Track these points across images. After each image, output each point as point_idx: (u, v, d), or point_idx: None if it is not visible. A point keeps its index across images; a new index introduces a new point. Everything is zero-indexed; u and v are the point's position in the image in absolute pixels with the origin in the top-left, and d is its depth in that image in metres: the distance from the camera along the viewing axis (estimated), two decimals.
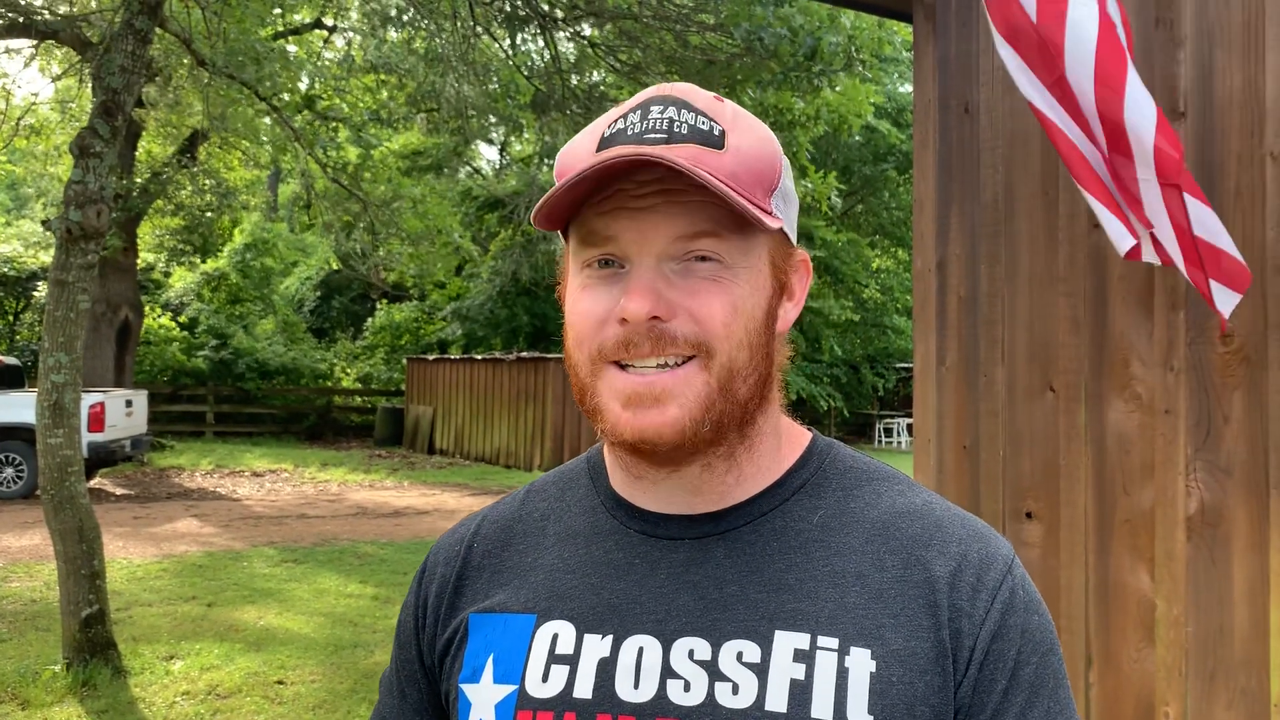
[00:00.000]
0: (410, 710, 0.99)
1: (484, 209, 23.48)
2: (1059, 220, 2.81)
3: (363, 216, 14.82)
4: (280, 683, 5.83)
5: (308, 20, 16.01)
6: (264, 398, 23.06)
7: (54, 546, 5.67)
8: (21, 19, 9.92)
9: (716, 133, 0.83)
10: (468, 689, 0.89)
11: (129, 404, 14.32)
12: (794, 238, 0.93)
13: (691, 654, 0.82)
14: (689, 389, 0.82)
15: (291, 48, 15.76)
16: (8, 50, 12.52)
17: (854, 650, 0.80)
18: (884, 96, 23.37)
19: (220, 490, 14.76)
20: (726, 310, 0.82)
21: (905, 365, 27.14)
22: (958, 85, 3.17)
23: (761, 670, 0.80)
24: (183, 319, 23.66)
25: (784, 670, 0.80)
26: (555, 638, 0.86)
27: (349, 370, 25.47)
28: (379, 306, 26.58)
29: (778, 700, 0.79)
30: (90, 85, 6.45)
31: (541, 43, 11.56)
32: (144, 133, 16.45)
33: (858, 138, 23.36)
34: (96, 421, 12.85)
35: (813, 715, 0.78)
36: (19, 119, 13.01)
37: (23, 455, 13.16)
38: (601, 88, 12.62)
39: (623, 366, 0.83)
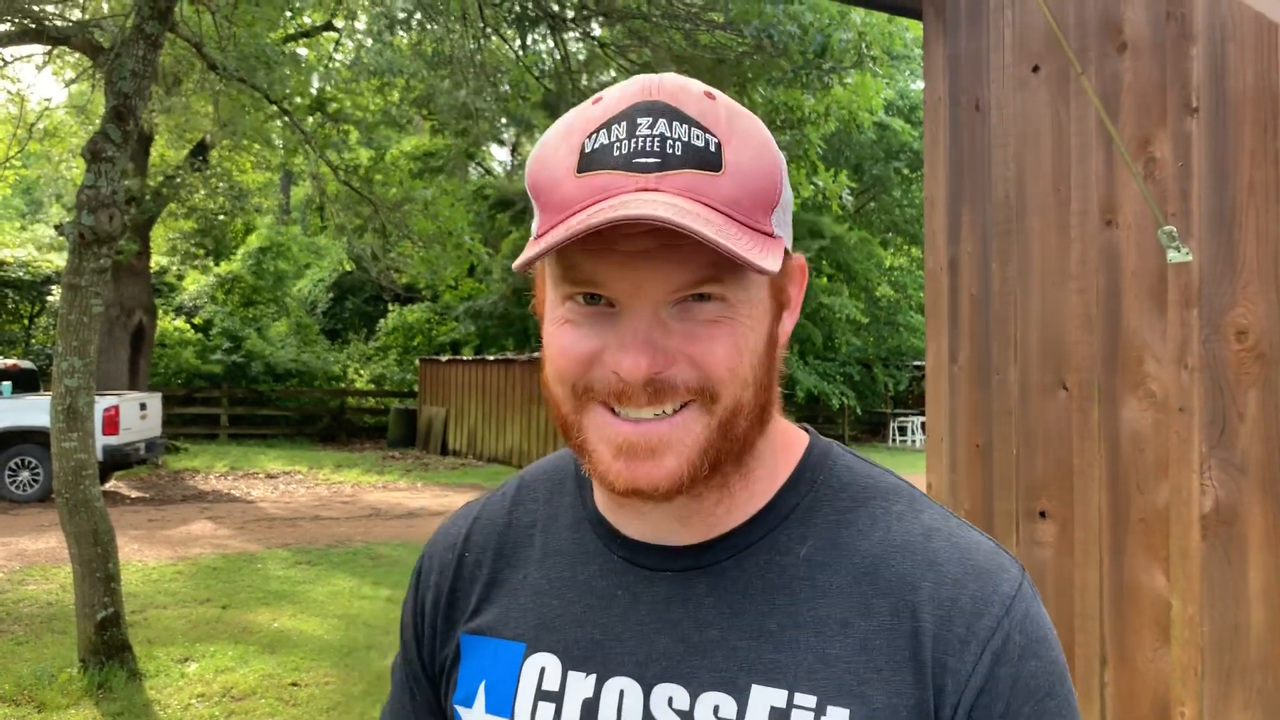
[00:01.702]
0: (421, 708, 0.99)
1: (495, 208, 23.53)
2: (1071, 217, 2.80)
3: (374, 219, 14.86)
4: (295, 685, 5.84)
5: (318, 23, 16.06)
6: (278, 400, 23.15)
7: (69, 549, 5.70)
8: (34, 25, 9.98)
9: (713, 148, 0.75)
10: (463, 712, 0.89)
11: (143, 407, 14.39)
12: (790, 243, 0.85)
13: (670, 702, 0.80)
14: (688, 436, 0.77)
15: (302, 51, 15.82)
16: (20, 59, 12.59)
17: (831, 710, 0.76)
18: (895, 93, 23.32)
19: (235, 492, 14.82)
20: (730, 353, 0.76)
21: (919, 363, 27.07)
22: (968, 82, 3.16)
23: None
24: (197, 320, 23.77)
25: None
26: (542, 671, 0.85)
27: (362, 372, 25.55)
28: (391, 308, 26.65)
29: None
30: (102, 90, 6.48)
31: (551, 43, 11.57)
32: (156, 136, 16.53)
33: (869, 135, 23.30)
34: (111, 425, 12.92)
35: None
36: (33, 124, 13.09)
37: (38, 459, 13.24)
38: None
39: (614, 410, 0.77)
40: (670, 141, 0.74)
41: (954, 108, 3.21)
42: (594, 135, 0.75)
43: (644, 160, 0.73)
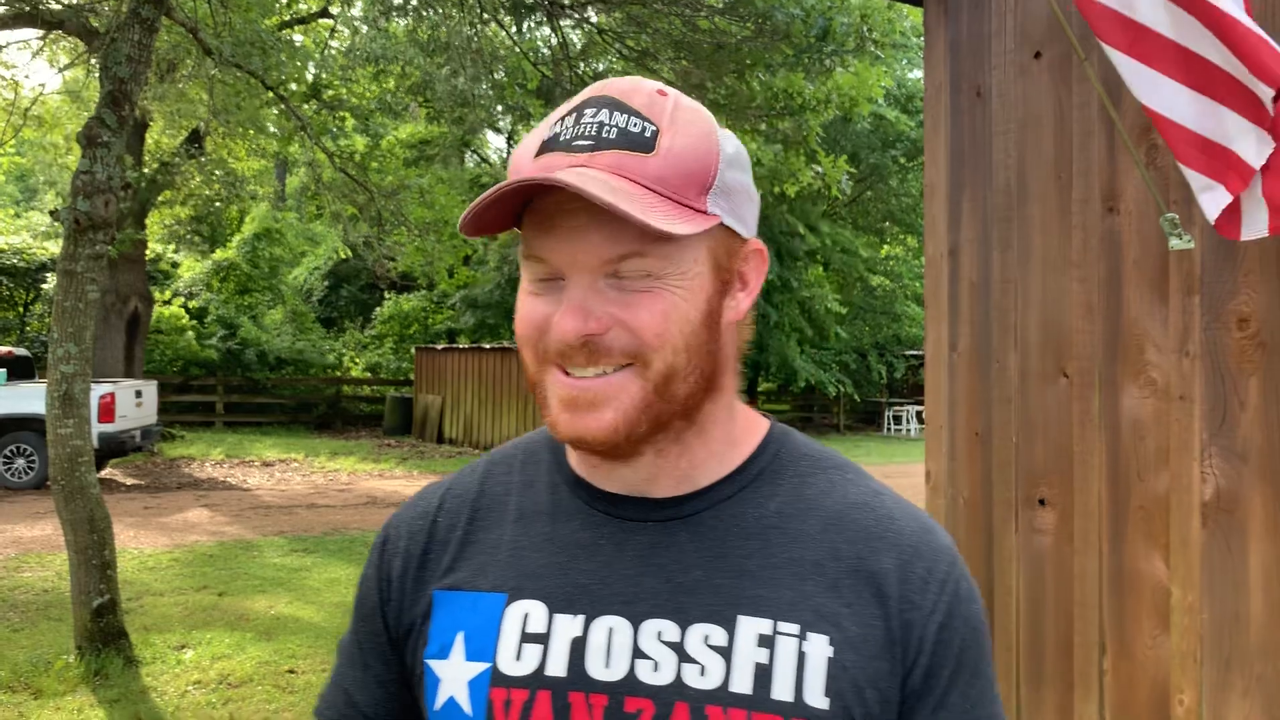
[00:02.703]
0: (373, 682, 0.99)
1: None
2: (1072, 205, 2.79)
3: (369, 206, 14.81)
4: (291, 672, 5.84)
5: (314, 9, 15.98)
6: (273, 388, 23.12)
7: (65, 536, 5.69)
8: (28, 8, 9.92)
9: (648, 134, 0.84)
10: (436, 665, 0.91)
11: (139, 394, 14.36)
12: (749, 229, 0.92)
13: (660, 635, 0.86)
14: (624, 394, 0.85)
15: (298, 37, 15.74)
16: (15, 44, 12.52)
17: (812, 636, 0.85)
18: (893, 81, 23.26)
19: (230, 480, 14.80)
20: (657, 319, 0.84)
21: (914, 353, 27.09)
22: (969, 69, 3.14)
23: (726, 653, 0.85)
24: (193, 305, 23.70)
25: (748, 654, 0.84)
26: (526, 617, 0.88)
27: (358, 360, 25.52)
28: (387, 296, 26.61)
29: (742, 683, 0.83)
30: (97, 75, 6.44)
31: (548, 30, 11.52)
32: (151, 123, 16.45)
33: (866, 125, 23.27)
34: (106, 412, 12.89)
35: (773, 697, 0.83)
36: (26, 110, 13.02)
37: (33, 446, 13.21)
38: (609, 74, 12.58)
39: (565, 370, 0.86)
40: (606, 127, 0.84)
41: (955, 94, 3.20)
42: (554, 125, 0.87)
43: (581, 143, 0.84)
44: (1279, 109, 1.96)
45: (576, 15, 10.51)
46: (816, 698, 0.83)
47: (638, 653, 0.85)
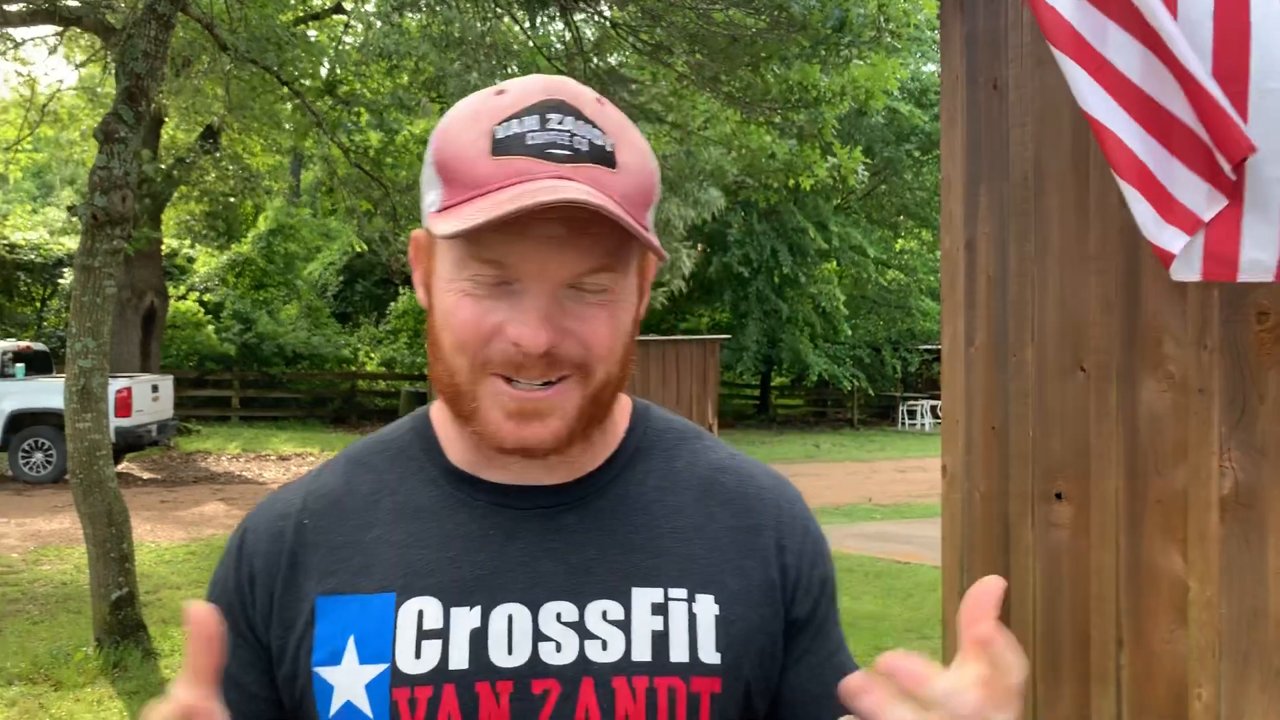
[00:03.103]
0: (245, 664, 0.93)
1: None
2: (1090, 198, 2.77)
3: (385, 202, 14.84)
4: None
5: (328, 5, 16.01)
6: (289, 382, 23.22)
7: (83, 530, 5.73)
8: (45, 5, 9.97)
9: (609, 149, 0.85)
10: (326, 672, 0.88)
11: (155, 389, 14.45)
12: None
13: (559, 616, 0.88)
14: (568, 403, 0.87)
15: (312, 33, 15.76)
16: (33, 40, 12.59)
17: (699, 597, 0.91)
18: (907, 73, 23.18)
19: (246, 474, 14.88)
20: (610, 334, 0.87)
21: (929, 347, 27.00)
22: (986, 61, 3.13)
23: (625, 626, 0.89)
24: (209, 300, 23.81)
25: (645, 624, 0.89)
26: (421, 614, 0.88)
27: (373, 354, 25.59)
28: (402, 291, 26.67)
29: (642, 651, 0.88)
30: (113, 72, 6.47)
31: (562, 24, 11.51)
32: (166, 119, 16.52)
33: (880, 118, 23.18)
34: (123, 406, 12.97)
35: (672, 660, 0.88)
36: (44, 107, 13.10)
37: (52, 440, 13.30)
38: (622, 69, 12.56)
39: (508, 379, 0.86)
40: (576, 137, 0.84)
41: (971, 87, 3.18)
42: (505, 123, 0.84)
43: (557, 151, 0.83)
44: (1238, 175, 1.98)
45: (590, 9, 10.50)
46: (709, 654, 0.90)
47: (539, 636, 0.87)
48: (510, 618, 0.88)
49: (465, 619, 0.87)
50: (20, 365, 13.88)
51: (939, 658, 3.97)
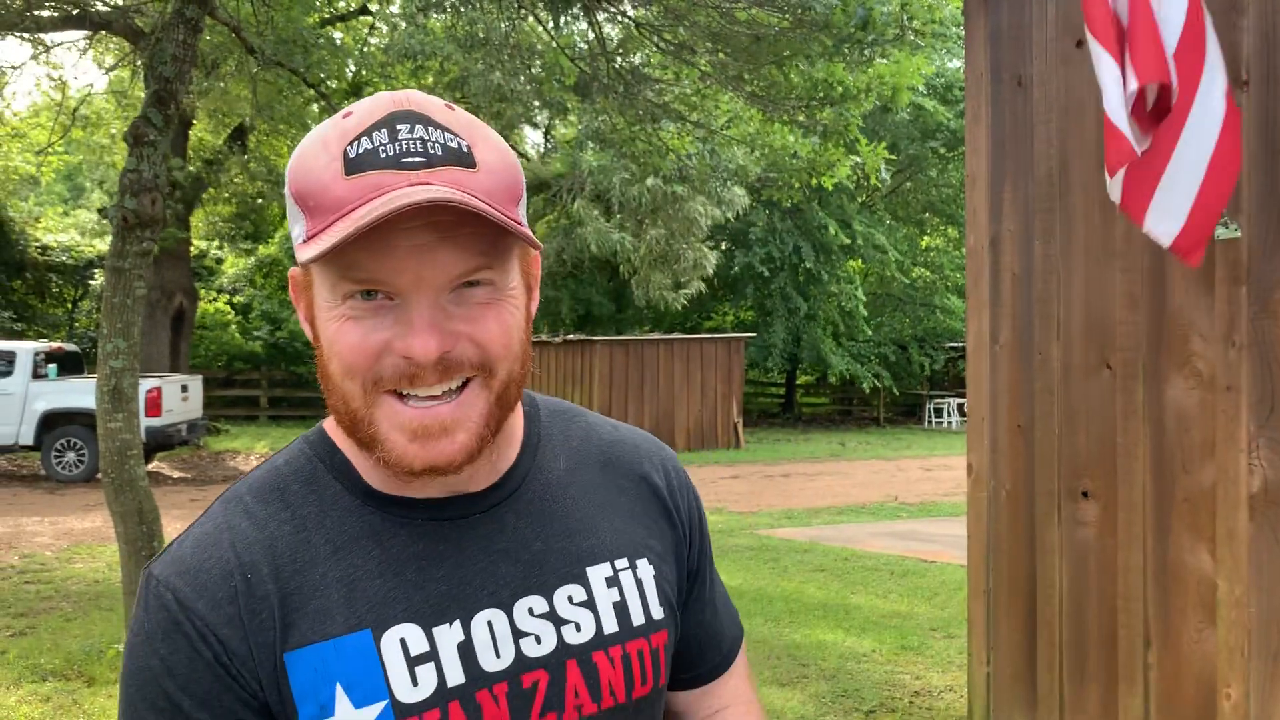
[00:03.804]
0: None
1: (529, 191, 23.54)
2: None
3: None
4: None
5: (354, 7, 16.11)
6: (316, 382, 23.39)
7: (115, 528, 5.80)
8: (75, 10, 10.09)
9: (465, 149, 0.84)
10: None
11: (184, 389, 14.59)
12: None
13: (531, 611, 0.92)
14: (473, 412, 0.86)
15: (338, 35, 15.87)
16: (63, 44, 12.74)
17: (639, 563, 0.99)
18: (932, 69, 23.04)
19: None
20: (503, 331, 0.86)
21: (955, 345, 26.84)
22: (1010, 58, 3.11)
23: (590, 604, 0.94)
24: (237, 301, 24.02)
25: (605, 598, 0.95)
26: (404, 641, 0.86)
27: None
28: None
29: (610, 624, 0.95)
30: (142, 75, 6.55)
31: (585, 24, 11.53)
32: (195, 121, 16.68)
33: (905, 115, 23.05)
34: (153, 406, 13.11)
35: (634, 625, 0.96)
36: (74, 110, 13.27)
37: (83, 440, 13.47)
38: (645, 68, 12.56)
39: (402, 395, 0.85)
40: (430, 143, 0.83)
41: (996, 84, 3.17)
42: (355, 142, 0.82)
43: (411, 159, 0.81)
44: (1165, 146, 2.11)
45: (613, 9, 10.52)
46: (657, 611, 0.99)
47: (518, 634, 0.90)
48: (490, 623, 0.89)
49: (448, 635, 0.88)
50: (53, 366, 14.07)
51: (964, 656, 3.96)
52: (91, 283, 22.20)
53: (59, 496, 12.44)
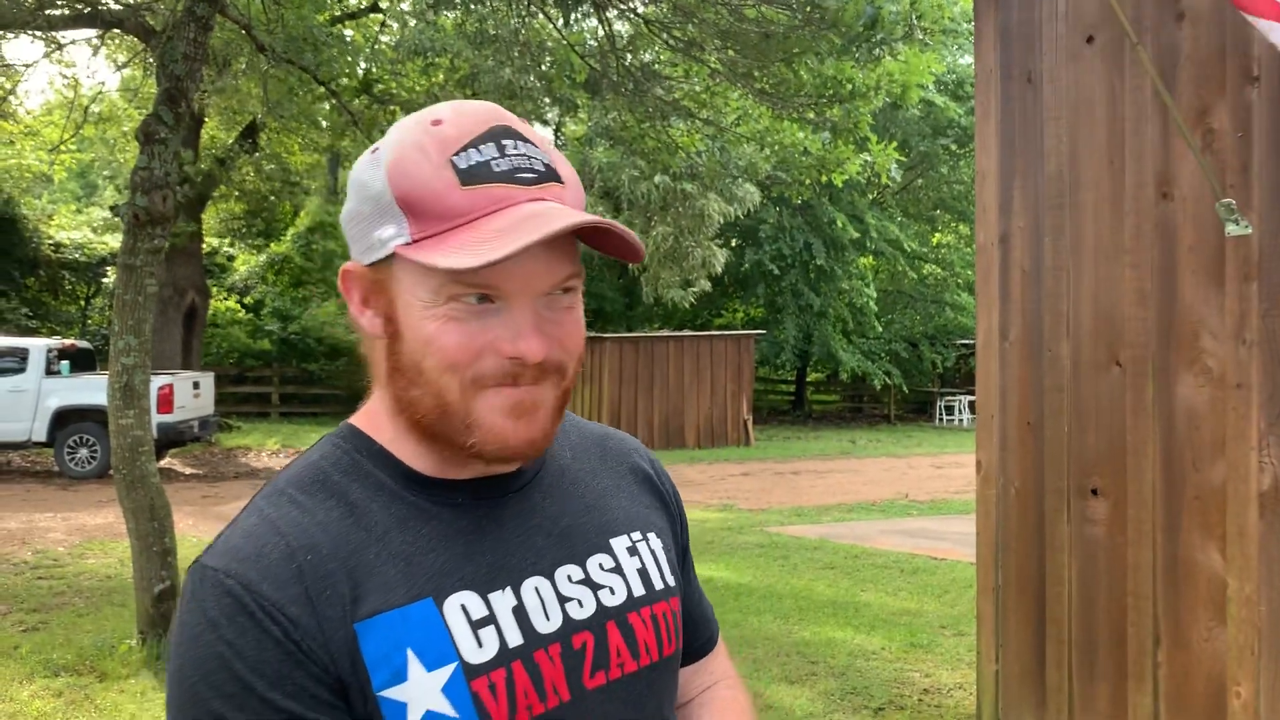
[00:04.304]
0: None
1: None
2: (1125, 191, 2.75)
3: None
4: None
5: (364, 5, 16.13)
6: (327, 379, 23.45)
7: (127, 524, 5.83)
8: (86, 9, 10.14)
9: (552, 168, 0.92)
10: (394, 691, 0.87)
11: (196, 386, 14.65)
12: None
13: (570, 578, 0.99)
14: (548, 401, 0.94)
15: (348, 32, 15.89)
16: (76, 42, 12.79)
17: (649, 535, 1.08)
18: (944, 67, 22.96)
19: None
20: (579, 336, 0.95)
21: (966, 342, 26.76)
22: (1020, 54, 3.10)
23: (618, 570, 1.03)
24: (248, 300, 24.10)
25: (629, 565, 1.04)
26: (464, 608, 0.92)
27: None
28: None
29: (638, 588, 1.03)
30: (154, 73, 6.57)
31: (595, 21, 11.53)
32: (207, 119, 16.73)
33: (916, 112, 22.99)
34: (165, 403, 13.17)
35: (656, 589, 1.05)
36: (86, 108, 13.33)
37: (96, 436, 13.53)
38: (655, 65, 12.55)
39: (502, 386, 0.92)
40: (533, 160, 0.91)
41: (1005, 80, 3.16)
42: (463, 153, 0.89)
43: (524, 175, 0.89)
44: None
45: (623, 6, 10.51)
46: (670, 578, 1.08)
47: (563, 599, 0.97)
48: (537, 589, 0.96)
49: (503, 601, 0.94)
50: (66, 363, 14.14)
51: (974, 654, 3.95)
52: (104, 280, 22.29)
53: (72, 492, 12.51)
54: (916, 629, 6.24)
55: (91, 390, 13.37)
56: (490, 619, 0.92)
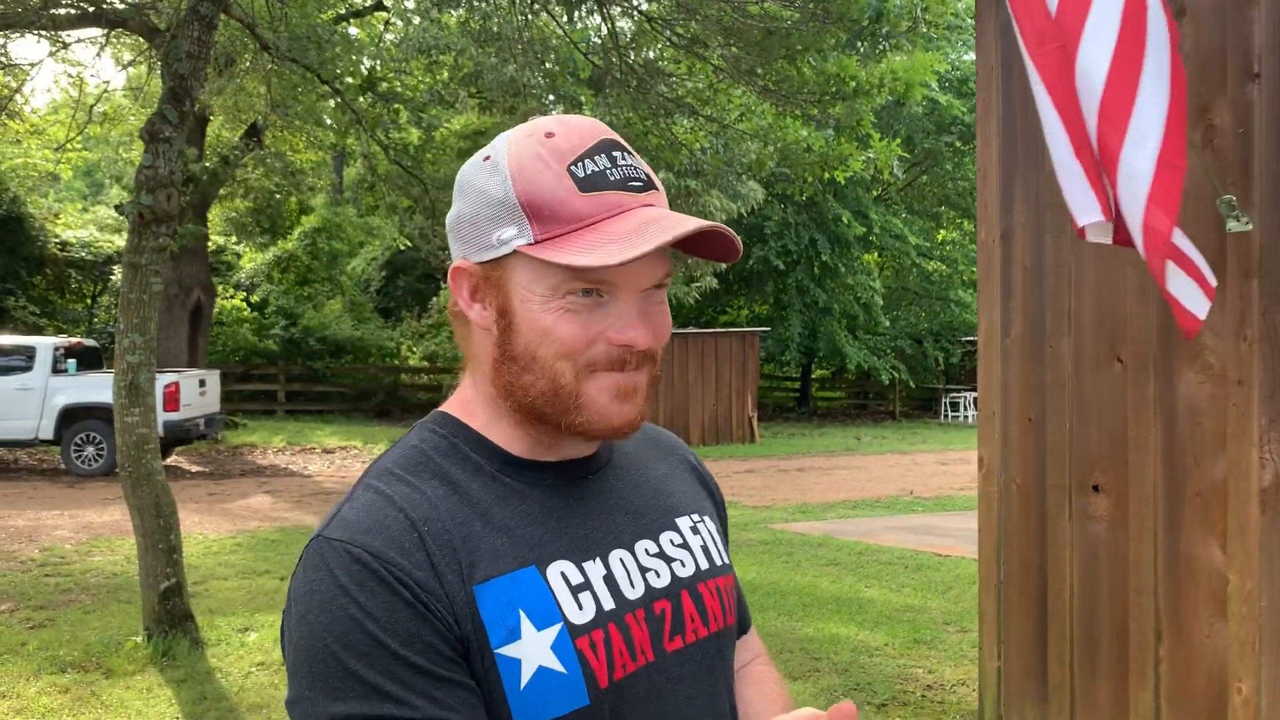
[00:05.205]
0: (471, 697, 0.95)
1: None
2: None
3: (424, 198, 14.95)
4: None
5: (369, 3, 16.15)
6: (333, 377, 23.48)
7: (133, 522, 5.85)
8: (91, 8, 10.16)
9: (651, 176, 1.04)
10: (509, 649, 0.97)
11: (202, 383, 14.69)
12: None
13: (647, 551, 1.09)
14: (644, 384, 1.05)
15: (353, 30, 15.92)
16: (79, 41, 12.82)
17: (705, 518, 1.19)
18: (947, 64, 22.93)
19: (292, 467, 15.09)
20: (668, 328, 1.06)
21: (971, 339, 26.72)
22: (1021, 51, 3.10)
23: (685, 546, 1.13)
24: (254, 298, 24.13)
25: (694, 542, 1.14)
26: (563, 575, 1.01)
27: (415, 349, 25.80)
28: (443, 286, 26.82)
29: (703, 562, 1.14)
30: (159, 72, 6.59)
31: (598, 18, 11.53)
32: (211, 117, 16.76)
33: (919, 109, 22.96)
34: (171, 401, 13.20)
35: (717, 565, 1.15)
36: (92, 107, 13.35)
37: (102, 434, 13.57)
38: (658, 63, 12.55)
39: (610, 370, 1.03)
40: (638, 169, 1.02)
41: (1007, 77, 3.16)
42: (579, 163, 0.99)
43: (634, 184, 1.01)
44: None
45: (626, 3, 10.51)
46: (726, 557, 1.19)
47: (643, 569, 1.07)
48: (622, 560, 1.06)
49: (595, 569, 1.04)
50: (72, 361, 14.18)
51: (976, 650, 3.96)
52: (111, 278, 22.33)
53: (78, 490, 12.55)
54: (920, 625, 6.24)
55: (98, 388, 13.41)
56: (586, 585, 1.02)
